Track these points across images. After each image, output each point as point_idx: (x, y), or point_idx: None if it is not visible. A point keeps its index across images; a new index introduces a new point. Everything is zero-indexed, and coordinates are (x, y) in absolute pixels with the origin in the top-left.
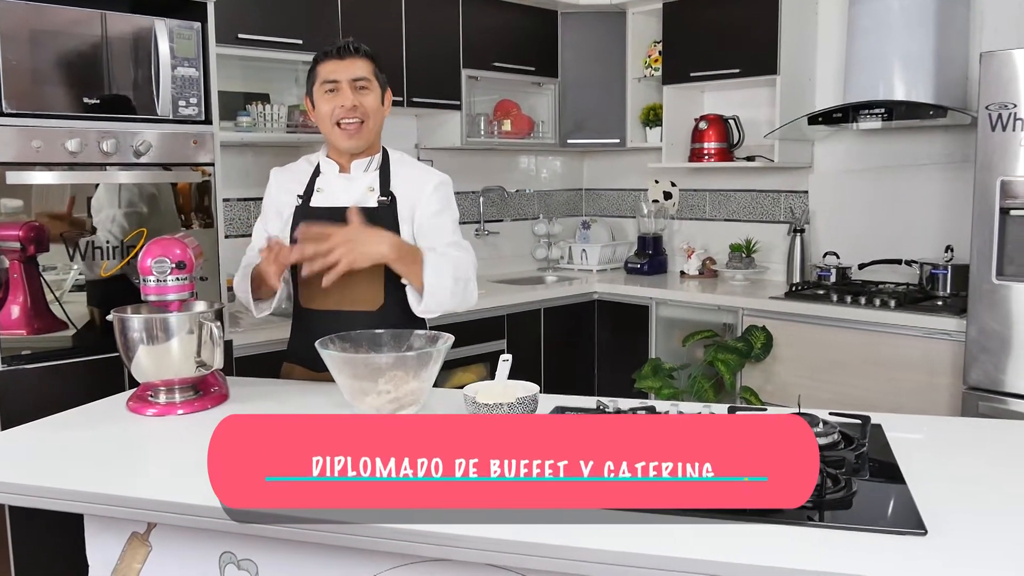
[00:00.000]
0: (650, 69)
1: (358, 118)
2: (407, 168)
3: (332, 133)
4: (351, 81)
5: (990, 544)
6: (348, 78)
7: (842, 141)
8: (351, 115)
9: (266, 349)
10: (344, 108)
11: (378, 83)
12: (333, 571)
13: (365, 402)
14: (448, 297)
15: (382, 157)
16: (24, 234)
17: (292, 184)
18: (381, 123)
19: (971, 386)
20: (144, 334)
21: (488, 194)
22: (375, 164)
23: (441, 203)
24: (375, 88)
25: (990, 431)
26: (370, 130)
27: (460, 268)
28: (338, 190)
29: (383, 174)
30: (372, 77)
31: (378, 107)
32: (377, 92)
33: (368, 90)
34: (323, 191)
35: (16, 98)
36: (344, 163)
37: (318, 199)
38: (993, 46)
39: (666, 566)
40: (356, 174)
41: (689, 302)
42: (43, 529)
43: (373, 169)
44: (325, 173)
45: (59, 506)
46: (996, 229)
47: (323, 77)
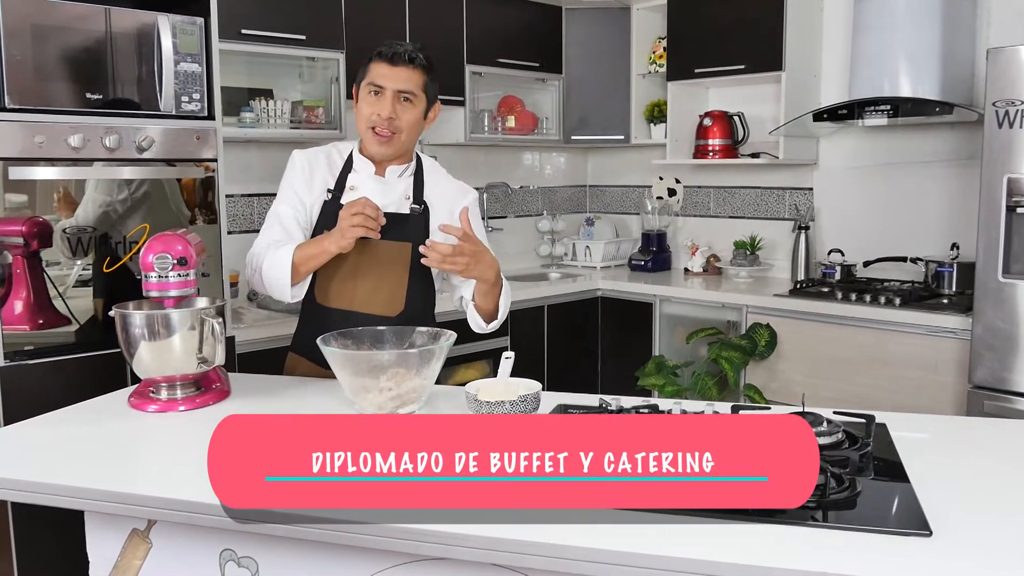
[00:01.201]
0: (654, 65)
1: (392, 130)
2: (440, 179)
3: (366, 134)
4: (396, 92)
5: (995, 545)
6: (394, 88)
7: (847, 138)
8: (386, 125)
9: (268, 345)
10: (381, 117)
11: (425, 96)
12: (333, 569)
13: (367, 399)
14: (504, 312)
15: (416, 164)
16: (27, 229)
17: (321, 174)
18: (417, 136)
19: (976, 385)
20: (146, 330)
21: (492, 190)
22: (410, 171)
23: (476, 216)
24: (420, 103)
25: (995, 430)
26: (402, 143)
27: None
28: (374, 193)
29: (417, 181)
30: (419, 92)
31: (416, 121)
32: (421, 107)
33: (411, 104)
34: (356, 190)
35: (19, 93)
36: (378, 162)
37: (349, 197)
38: (1000, 42)
39: (669, 566)
40: (391, 179)
41: (693, 299)
42: (44, 525)
43: (408, 175)
44: (359, 171)
45: (60, 502)
46: (1002, 227)
47: (371, 78)
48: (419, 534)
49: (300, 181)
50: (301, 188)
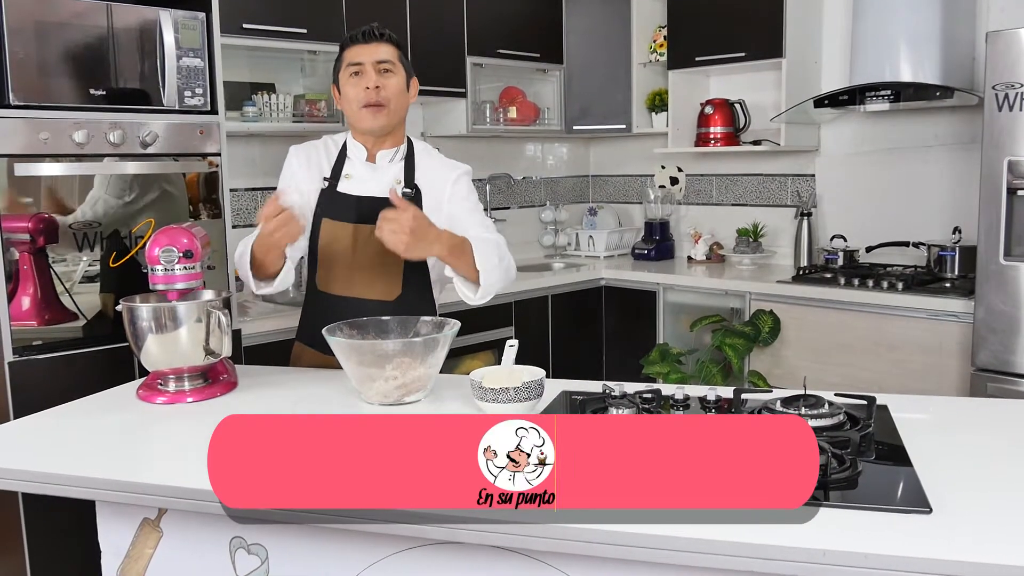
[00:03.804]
0: (655, 54)
1: (381, 101)
2: (431, 160)
3: (357, 115)
4: (375, 63)
5: (995, 522)
6: (372, 60)
7: (849, 124)
8: (374, 96)
9: (275, 337)
10: (368, 90)
11: (403, 68)
12: (343, 554)
13: (372, 388)
14: (497, 278)
15: (407, 148)
16: (33, 226)
17: (318, 163)
18: (405, 108)
19: (980, 367)
20: (153, 323)
21: (494, 181)
22: (400, 155)
23: (467, 191)
24: (399, 72)
25: (995, 410)
26: (394, 112)
27: (501, 248)
28: (366, 179)
29: (408, 165)
30: (396, 61)
31: (402, 91)
32: (402, 76)
33: (392, 73)
34: (351, 177)
35: (23, 90)
36: (370, 148)
37: (345, 185)
38: (999, 25)
39: (666, 545)
40: (382, 164)
41: (696, 287)
42: (56, 516)
43: (399, 160)
44: (352, 158)
45: (71, 493)
46: (1003, 210)
47: (348, 60)
48: (422, 517)
49: (301, 171)
50: (302, 179)
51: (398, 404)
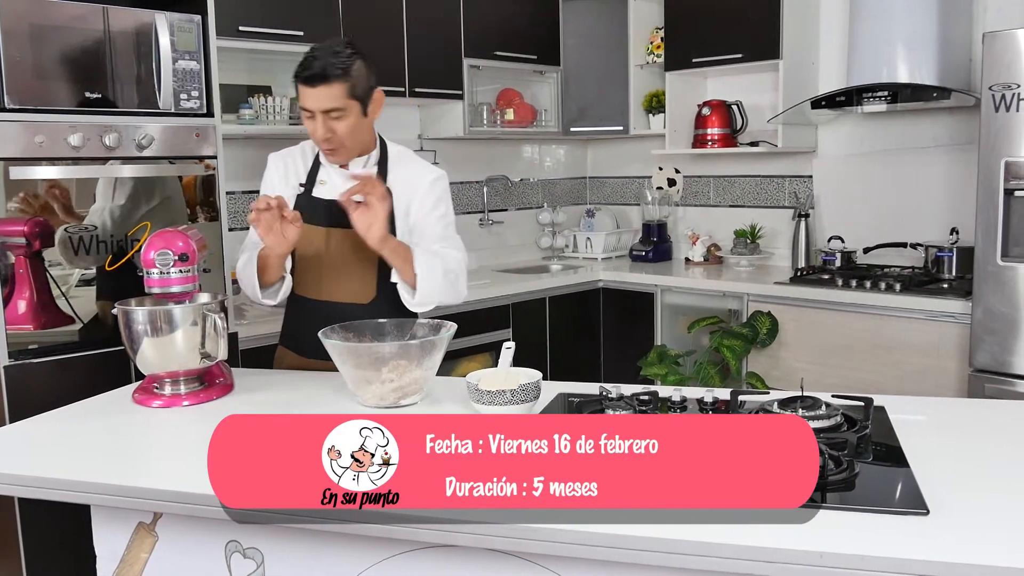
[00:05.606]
0: (652, 56)
1: (333, 145)
2: (405, 163)
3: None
4: (322, 112)
5: (992, 523)
6: (319, 109)
7: (846, 125)
8: (326, 144)
9: (271, 341)
10: (318, 138)
11: (355, 100)
12: (338, 558)
13: (369, 391)
14: (438, 292)
15: (380, 152)
16: (29, 229)
17: (294, 171)
18: (362, 133)
19: (977, 368)
20: (148, 326)
21: (492, 184)
22: (372, 160)
23: (436, 199)
24: (350, 110)
25: (993, 411)
26: (350, 149)
27: (449, 262)
28: (340, 185)
29: (381, 170)
30: (345, 101)
31: (353, 127)
32: (354, 112)
33: (341, 118)
34: (326, 183)
35: (18, 93)
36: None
37: (320, 191)
38: (996, 26)
39: (664, 548)
40: (355, 170)
41: (694, 289)
42: (51, 520)
43: (371, 165)
44: (326, 164)
45: (67, 497)
46: (1000, 210)
47: (300, 101)
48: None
49: (278, 178)
50: (279, 185)
51: (394, 407)
